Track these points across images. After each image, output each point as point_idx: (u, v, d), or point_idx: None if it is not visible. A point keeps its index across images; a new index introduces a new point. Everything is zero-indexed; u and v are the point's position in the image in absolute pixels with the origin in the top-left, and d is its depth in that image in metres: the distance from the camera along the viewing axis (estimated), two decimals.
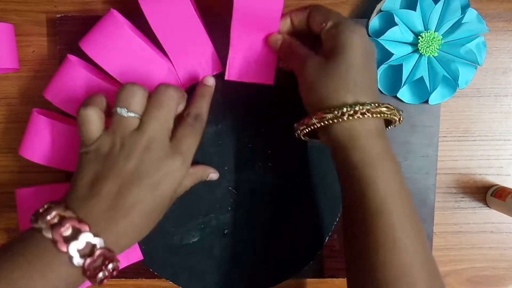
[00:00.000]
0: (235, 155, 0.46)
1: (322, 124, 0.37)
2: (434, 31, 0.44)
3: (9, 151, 0.47)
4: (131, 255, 0.45)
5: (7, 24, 0.45)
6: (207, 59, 0.44)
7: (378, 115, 0.36)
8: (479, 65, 0.45)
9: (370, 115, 0.36)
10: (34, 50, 0.46)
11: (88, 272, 0.33)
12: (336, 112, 0.36)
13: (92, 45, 0.41)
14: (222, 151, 0.46)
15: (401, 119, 0.38)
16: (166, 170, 0.36)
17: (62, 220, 0.32)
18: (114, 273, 0.34)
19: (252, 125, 0.45)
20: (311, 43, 0.42)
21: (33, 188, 0.44)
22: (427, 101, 0.46)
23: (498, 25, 0.47)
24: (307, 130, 0.38)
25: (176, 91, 0.37)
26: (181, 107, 0.39)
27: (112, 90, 0.41)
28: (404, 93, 0.46)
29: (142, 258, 0.46)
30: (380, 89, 0.46)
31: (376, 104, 0.36)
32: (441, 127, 0.47)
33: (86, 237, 0.32)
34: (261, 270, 0.47)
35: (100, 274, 0.33)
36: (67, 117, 0.43)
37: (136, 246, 0.45)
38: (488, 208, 0.49)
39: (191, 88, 0.43)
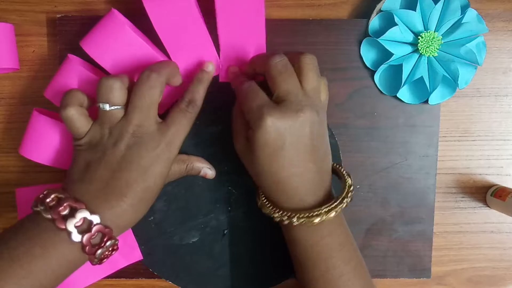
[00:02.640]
0: (235, 155, 0.46)
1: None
2: (434, 31, 0.44)
3: (9, 151, 0.47)
4: (131, 255, 0.45)
5: (7, 24, 0.45)
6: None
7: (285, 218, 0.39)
8: (479, 65, 0.45)
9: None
10: (34, 50, 0.46)
11: (87, 248, 0.35)
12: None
13: (93, 45, 0.41)
14: (222, 151, 0.46)
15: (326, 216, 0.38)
16: (153, 153, 0.37)
17: (59, 201, 0.35)
18: (113, 252, 0.37)
19: None
20: None
21: (33, 188, 0.44)
22: (427, 101, 0.46)
23: (498, 25, 0.47)
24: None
25: (158, 77, 0.38)
26: (177, 80, 0.41)
27: None
28: (404, 93, 0.46)
29: (142, 258, 0.46)
30: (380, 89, 0.46)
31: (280, 212, 0.39)
32: (441, 127, 0.47)
33: (83, 214, 0.34)
34: (261, 270, 0.47)
35: (99, 251, 0.35)
36: None
37: (136, 246, 0.45)
38: (488, 208, 0.49)
39: None
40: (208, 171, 0.45)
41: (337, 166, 0.42)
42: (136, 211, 0.38)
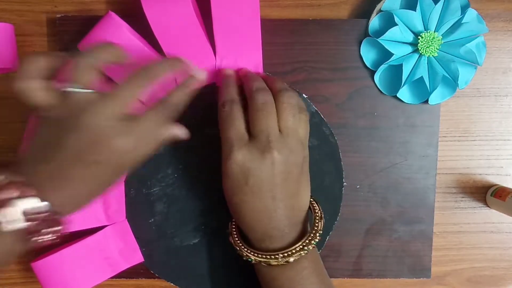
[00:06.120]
0: None
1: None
2: (434, 31, 0.44)
3: (9, 151, 0.47)
4: (132, 258, 0.46)
5: (7, 24, 0.45)
6: (207, 67, 0.44)
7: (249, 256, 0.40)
8: (479, 65, 0.45)
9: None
10: (34, 50, 0.46)
11: (28, 235, 0.33)
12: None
13: None
14: (219, 152, 0.45)
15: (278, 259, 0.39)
16: (114, 149, 0.34)
17: (8, 184, 0.32)
18: (56, 235, 0.34)
19: None
20: None
21: None
22: (427, 101, 0.46)
23: (498, 25, 0.47)
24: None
25: (157, 71, 0.36)
26: (190, 83, 0.39)
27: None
28: (404, 93, 0.46)
29: (143, 260, 0.46)
30: (380, 89, 0.46)
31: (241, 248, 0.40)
32: (441, 127, 0.47)
33: (31, 202, 0.32)
34: None
35: (43, 237, 0.33)
36: None
37: (137, 248, 0.46)
38: (488, 208, 0.49)
39: None
40: (177, 131, 0.39)
41: (311, 200, 0.42)
42: (90, 195, 0.36)
